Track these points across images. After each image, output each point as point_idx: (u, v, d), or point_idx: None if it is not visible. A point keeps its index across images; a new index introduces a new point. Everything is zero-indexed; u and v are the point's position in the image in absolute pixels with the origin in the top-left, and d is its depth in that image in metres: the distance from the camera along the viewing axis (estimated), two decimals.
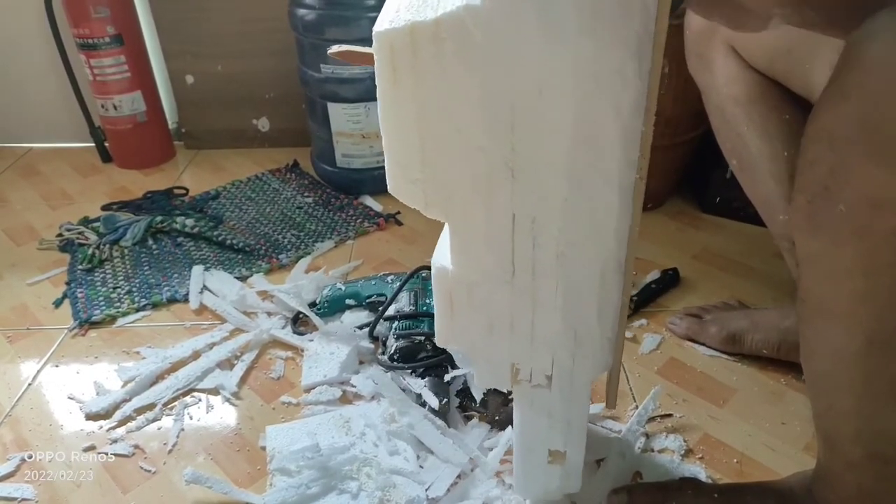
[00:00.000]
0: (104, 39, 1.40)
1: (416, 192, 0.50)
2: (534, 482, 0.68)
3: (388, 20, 0.44)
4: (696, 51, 0.81)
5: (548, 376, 0.59)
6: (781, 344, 0.86)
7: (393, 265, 1.15)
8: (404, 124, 0.47)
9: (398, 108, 0.47)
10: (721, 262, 1.12)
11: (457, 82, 0.44)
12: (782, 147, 0.76)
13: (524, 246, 0.51)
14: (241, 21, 1.46)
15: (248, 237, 1.24)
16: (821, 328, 0.51)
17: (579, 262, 0.52)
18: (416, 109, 0.46)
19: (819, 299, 0.50)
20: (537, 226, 0.50)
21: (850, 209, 0.44)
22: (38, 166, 1.57)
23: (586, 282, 0.53)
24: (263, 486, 0.75)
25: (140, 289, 1.10)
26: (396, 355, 0.87)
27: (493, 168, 0.48)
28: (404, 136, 0.48)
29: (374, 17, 1.37)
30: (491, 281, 0.53)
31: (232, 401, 0.87)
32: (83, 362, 0.95)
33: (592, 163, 0.48)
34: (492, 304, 0.55)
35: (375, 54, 0.45)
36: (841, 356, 0.50)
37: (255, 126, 1.59)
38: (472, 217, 0.50)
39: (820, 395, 0.55)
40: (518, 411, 0.63)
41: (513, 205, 0.49)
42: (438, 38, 0.43)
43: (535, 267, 0.52)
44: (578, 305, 0.54)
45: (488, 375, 0.60)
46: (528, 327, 0.56)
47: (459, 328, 0.57)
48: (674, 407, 0.84)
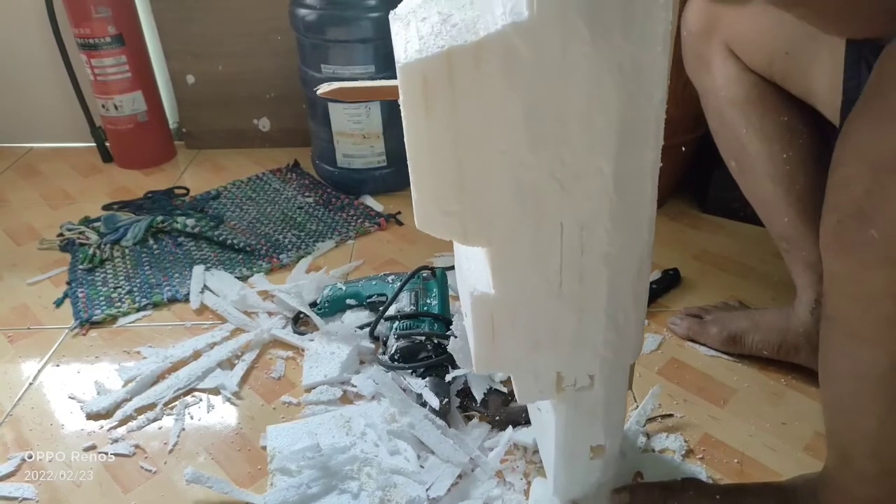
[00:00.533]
0: (105, 39, 1.40)
1: (452, 223, 0.48)
2: (576, 482, 0.67)
3: (415, 49, 0.42)
4: (694, 52, 0.81)
5: (591, 376, 0.58)
6: (782, 344, 0.86)
7: (394, 265, 1.15)
8: (439, 155, 0.45)
9: (432, 138, 0.44)
10: (721, 262, 1.12)
11: (499, 102, 0.43)
12: (780, 149, 0.76)
13: (573, 255, 0.51)
14: (241, 21, 1.46)
15: (248, 237, 1.24)
16: (846, 349, 0.51)
17: (623, 258, 0.52)
18: (452, 137, 0.44)
19: (846, 320, 0.50)
20: (586, 232, 0.50)
21: (883, 234, 0.43)
22: (38, 166, 1.57)
23: (627, 275, 0.53)
24: (264, 486, 0.75)
25: (141, 288, 1.10)
26: (397, 355, 0.87)
27: (541, 183, 0.47)
28: (439, 167, 0.45)
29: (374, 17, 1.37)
30: (538, 296, 0.52)
31: (233, 400, 0.87)
32: (84, 362, 0.95)
33: (634, 159, 0.48)
34: (537, 320, 0.54)
35: (404, 86, 0.42)
36: (865, 378, 0.50)
37: (256, 126, 1.59)
38: (517, 237, 0.49)
39: (839, 413, 0.55)
40: (562, 417, 0.61)
41: (561, 216, 0.48)
42: (480, 60, 0.41)
43: (583, 273, 0.52)
44: (619, 299, 0.54)
45: (532, 391, 0.58)
46: (574, 333, 0.55)
47: (502, 351, 0.55)
48: (674, 407, 0.84)
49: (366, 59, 1.24)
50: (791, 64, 0.70)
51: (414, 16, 0.43)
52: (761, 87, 0.75)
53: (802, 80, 0.70)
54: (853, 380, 0.51)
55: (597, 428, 0.62)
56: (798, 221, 0.77)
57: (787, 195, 0.77)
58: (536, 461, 0.76)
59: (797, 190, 0.76)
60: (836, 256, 0.48)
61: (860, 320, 0.48)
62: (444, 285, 0.98)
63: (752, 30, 0.74)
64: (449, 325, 0.90)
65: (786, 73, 0.72)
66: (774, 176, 0.77)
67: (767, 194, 0.79)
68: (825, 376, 0.55)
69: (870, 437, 0.52)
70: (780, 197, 0.77)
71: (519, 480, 0.74)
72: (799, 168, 0.75)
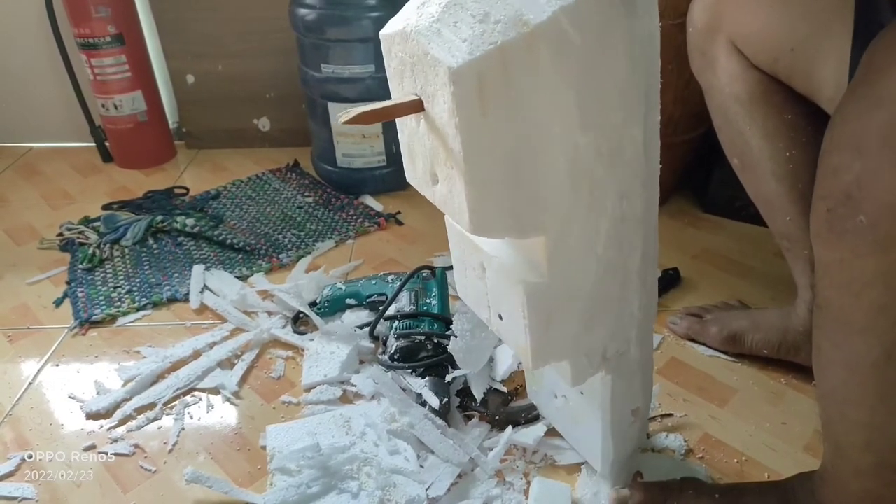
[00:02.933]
0: (105, 39, 1.40)
1: (508, 220, 0.48)
2: (622, 451, 0.68)
3: (465, 52, 0.41)
4: (699, 49, 0.81)
5: (628, 339, 0.59)
6: (782, 343, 0.86)
7: (393, 265, 1.15)
8: (497, 153, 0.45)
9: (490, 138, 0.44)
10: (721, 262, 1.12)
11: (552, 89, 0.44)
12: (784, 146, 0.76)
13: (616, 225, 0.52)
14: (241, 21, 1.46)
15: (248, 237, 1.24)
16: (838, 338, 0.51)
17: (650, 218, 0.54)
18: (510, 133, 0.44)
19: (837, 309, 0.50)
20: (626, 200, 0.52)
21: (872, 220, 0.43)
22: (38, 166, 1.57)
23: (652, 234, 0.55)
24: (264, 486, 0.75)
25: (140, 288, 1.10)
26: (397, 355, 0.87)
27: (589, 161, 0.48)
28: (497, 165, 0.45)
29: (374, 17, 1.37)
30: (589, 274, 0.53)
31: (232, 400, 0.87)
32: (83, 362, 0.95)
33: (652, 122, 0.50)
34: (590, 298, 0.54)
35: (458, 90, 0.42)
36: (857, 367, 0.50)
37: (256, 126, 1.59)
38: (571, 220, 0.50)
39: (832, 403, 0.55)
40: (608, 387, 0.62)
41: (608, 189, 0.50)
42: (533, 50, 0.42)
43: (622, 241, 0.53)
44: (648, 259, 0.56)
45: (586, 371, 0.59)
46: (618, 303, 0.56)
47: (556, 341, 0.55)
48: (674, 407, 0.84)
49: (365, 59, 1.24)
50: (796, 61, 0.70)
51: (442, 24, 0.43)
52: (766, 84, 0.75)
53: (807, 77, 0.70)
54: (845, 369, 0.51)
55: (635, 390, 0.64)
56: (800, 220, 0.77)
57: (789, 193, 0.77)
58: (536, 461, 0.76)
59: (800, 188, 0.76)
60: (826, 245, 0.48)
61: (851, 308, 0.48)
62: (443, 285, 0.98)
63: (757, 26, 0.73)
64: (449, 324, 0.90)
65: (791, 71, 0.72)
66: (778, 174, 0.77)
67: (770, 192, 0.79)
68: (818, 367, 0.55)
69: (863, 427, 0.52)
70: (782, 195, 0.77)
71: (519, 480, 0.74)
72: (802, 166, 0.75)
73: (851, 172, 0.44)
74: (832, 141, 0.46)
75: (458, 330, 0.81)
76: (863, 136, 0.43)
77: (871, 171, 0.42)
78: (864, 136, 0.43)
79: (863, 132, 0.43)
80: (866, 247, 0.44)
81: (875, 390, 0.50)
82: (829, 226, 0.47)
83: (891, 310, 0.46)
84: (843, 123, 0.44)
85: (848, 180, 0.44)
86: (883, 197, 0.42)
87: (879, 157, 0.42)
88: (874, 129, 0.42)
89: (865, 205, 0.43)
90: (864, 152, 0.43)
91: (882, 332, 0.47)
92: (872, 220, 0.43)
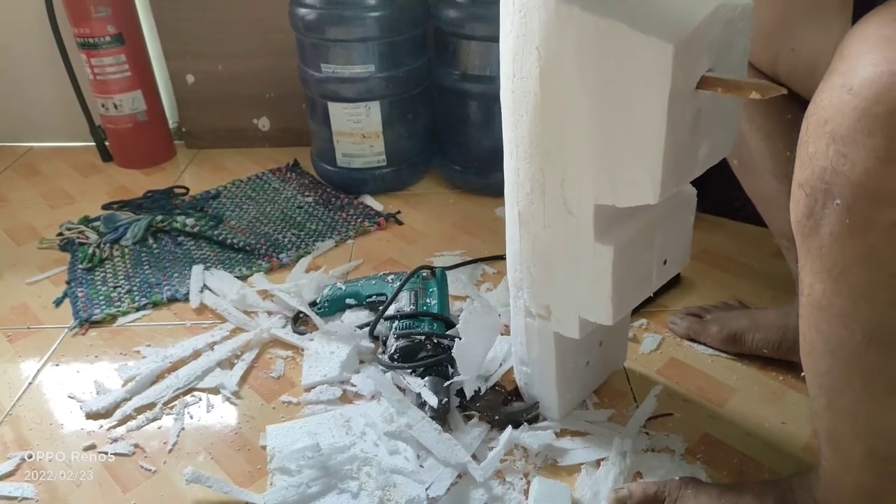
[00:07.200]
0: (105, 39, 1.40)
1: (671, 186, 0.59)
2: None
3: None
4: None
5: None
6: (782, 343, 0.86)
7: (393, 265, 1.15)
8: (681, 131, 0.56)
9: (679, 116, 0.55)
10: (721, 262, 1.12)
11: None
12: (783, 146, 0.76)
13: None
14: (241, 20, 1.46)
15: (248, 236, 1.24)
16: (821, 324, 0.51)
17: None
18: (689, 112, 0.56)
19: (819, 294, 0.50)
20: None
21: (848, 203, 0.44)
22: (38, 166, 1.57)
23: None
24: (264, 486, 0.75)
25: (140, 288, 1.10)
26: (397, 355, 0.87)
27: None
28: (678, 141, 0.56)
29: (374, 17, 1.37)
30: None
31: (232, 400, 0.87)
32: (83, 361, 0.95)
33: None
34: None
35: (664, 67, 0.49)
36: (840, 353, 0.50)
37: (256, 125, 1.59)
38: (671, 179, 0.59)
39: (819, 392, 0.55)
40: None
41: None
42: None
43: None
44: None
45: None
46: None
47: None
48: (674, 407, 0.84)
49: (365, 59, 1.24)
50: (797, 60, 0.70)
51: None
52: None
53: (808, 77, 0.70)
54: (829, 356, 0.51)
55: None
56: None
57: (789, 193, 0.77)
58: (536, 461, 0.76)
59: None
60: (807, 231, 0.49)
61: (832, 293, 0.49)
62: (443, 285, 0.98)
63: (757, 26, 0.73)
64: (449, 324, 0.91)
65: (791, 71, 0.72)
66: (777, 174, 0.77)
67: (770, 191, 0.79)
68: (805, 357, 0.55)
69: (849, 415, 0.52)
70: (782, 194, 0.77)
71: (519, 480, 0.74)
72: None
73: (827, 158, 0.44)
74: (808, 130, 0.47)
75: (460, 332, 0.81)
76: (836, 123, 0.44)
77: (844, 155, 0.43)
78: (838, 123, 0.43)
79: (836, 119, 0.44)
80: (843, 230, 0.45)
81: (858, 375, 0.50)
82: (808, 212, 0.48)
83: (870, 293, 0.47)
84: (818, 112, 0.45)
85: (823, 166, 0.45)
86: (857, 180, 0.43)
87: (853, 142, 0.43)
88: (847, 115, 0.43)
89: (841, 189, 0.44)
90: (837, 139, 0.44)
91: (862, 316, 0.48)
92: (848, 204, 0.44)
